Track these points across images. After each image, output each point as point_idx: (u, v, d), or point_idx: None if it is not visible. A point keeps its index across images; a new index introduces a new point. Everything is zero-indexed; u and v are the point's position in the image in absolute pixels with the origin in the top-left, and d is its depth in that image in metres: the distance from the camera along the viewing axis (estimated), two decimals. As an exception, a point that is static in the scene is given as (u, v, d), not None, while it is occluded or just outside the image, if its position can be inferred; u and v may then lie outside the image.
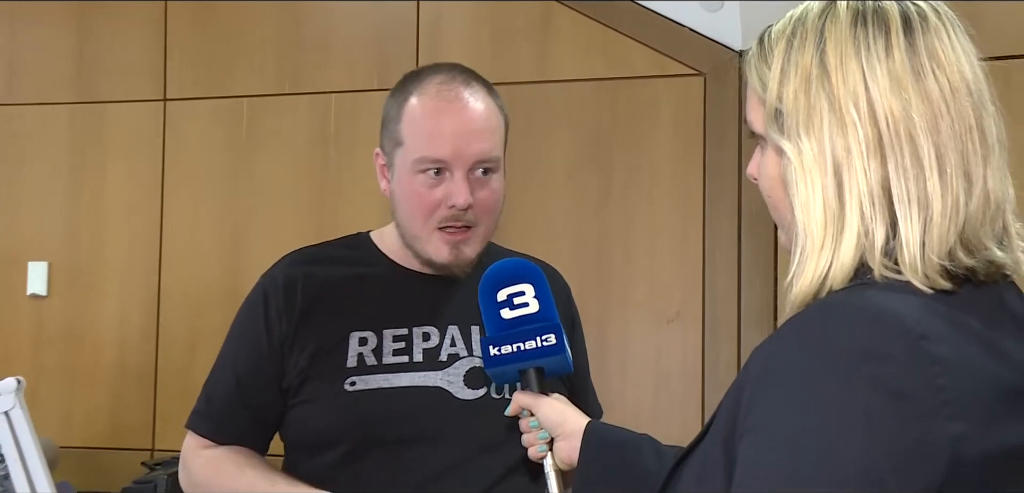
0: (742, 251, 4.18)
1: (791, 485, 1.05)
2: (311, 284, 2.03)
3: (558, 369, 1.78)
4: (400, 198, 1.99)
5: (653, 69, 4.31)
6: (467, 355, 1.97)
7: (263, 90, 4.92)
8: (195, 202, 5.03)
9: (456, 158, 1.95)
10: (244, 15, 4.98)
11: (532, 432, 1.73)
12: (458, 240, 1.98)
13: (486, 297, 1.82)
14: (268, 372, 2.00)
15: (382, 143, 2.03)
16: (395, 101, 2.02)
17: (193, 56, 5.06)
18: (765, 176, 1.30)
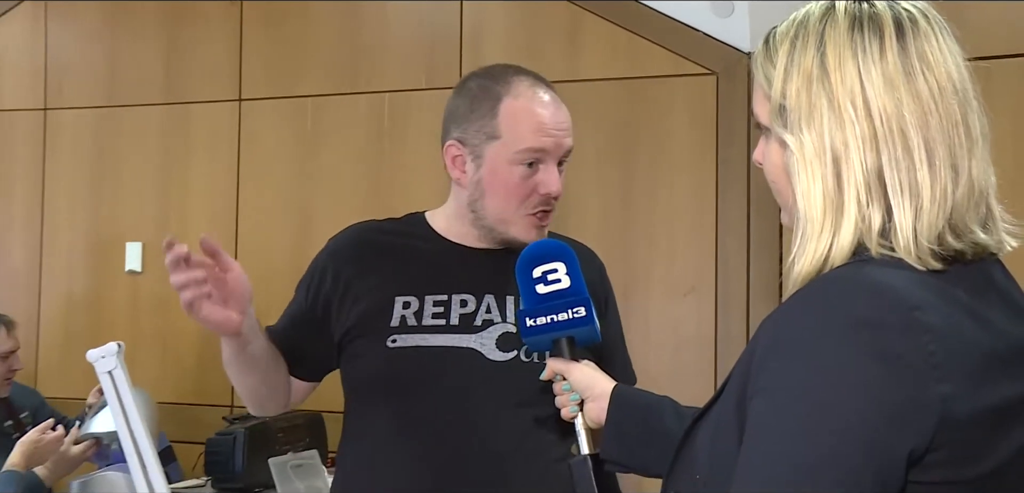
0: (751, 232, 4.15)
1: (797, 439, 1.06)
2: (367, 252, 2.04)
3: (587, 339, 1.76)
4: (491, 186, 1.97)
5: (670, 69, 4.28)
6: (500, 321, 1.96)
7: (325, 90, 4.92)
8: (266, 189, 5.04)
9: (554, 150, 1.95)
10: (309, 23, 4.98)
11: (564, 394, 1.71)
12: (543, 223, 1.99)
13: (523, 273, 1.80)
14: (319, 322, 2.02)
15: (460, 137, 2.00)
16: (483, 99, 1.99)
17: (264, 61, 5.06)
18: (770, 164, 1.28)
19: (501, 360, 1.93)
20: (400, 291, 1.97)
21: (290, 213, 4.97)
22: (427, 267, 2.01)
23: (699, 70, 4.23)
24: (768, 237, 4.12)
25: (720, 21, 4.15)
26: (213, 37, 5.16)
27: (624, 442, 1.61)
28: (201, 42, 5.20)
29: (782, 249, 4.08)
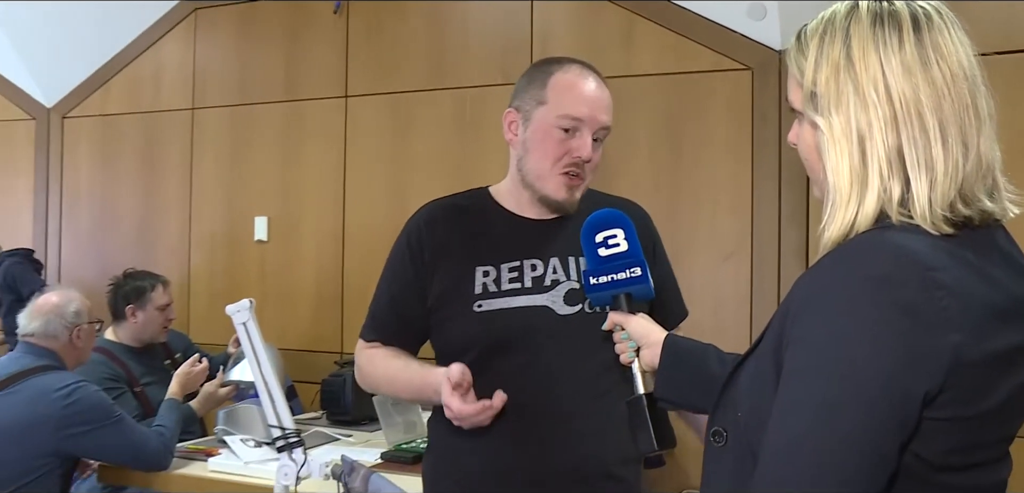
0: (781, 204, 4.09)
1: (827, 381, 1.06)
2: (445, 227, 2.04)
3: (643, 295, 1.76)
4: (534, 144, 1.97)
5: (711, 65, 4.23)
6: (566, 280, 1.95)
7: (416, 87, 4.92)
8: (368, 172, 5.06)
9: (589, 121, 1.94)
10: (403, 30, 4.98)
11: (623, 343, 1.70)
12: (573, 184, 1.97)
13: (587, 238, 1.80)
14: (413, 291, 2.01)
15: (517, 104, 2.01)
16: (538, 74, 2.01)
17: (366, 64, 5.08)
18: (803, 144, 1.27)
19: (568, 314, 1.92)
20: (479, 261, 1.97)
21: (388, 192, 4.98)
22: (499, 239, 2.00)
23: (736, 66, 4.18)
24: (797, 209, 4.07)
25: (754, 23, 4.11)
26: (324, 44, 5.19)
27: (674, 383, 1.60)
28: (314, 49, 5.23)
29: (809, 219, 4.04)
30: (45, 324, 3.33)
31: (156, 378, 4.02)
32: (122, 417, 3.22)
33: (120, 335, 4.09)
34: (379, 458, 3.26)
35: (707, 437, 1.30)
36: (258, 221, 5.36)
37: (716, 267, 4.22)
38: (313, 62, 5.23)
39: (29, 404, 3.11)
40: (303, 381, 4.64)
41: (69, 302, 3.40)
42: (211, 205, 5.59)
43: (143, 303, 4.06)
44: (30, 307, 3.40)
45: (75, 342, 3.38)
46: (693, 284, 3.98)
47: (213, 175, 5.59)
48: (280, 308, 5.20)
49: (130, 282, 4.13)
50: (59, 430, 3.08)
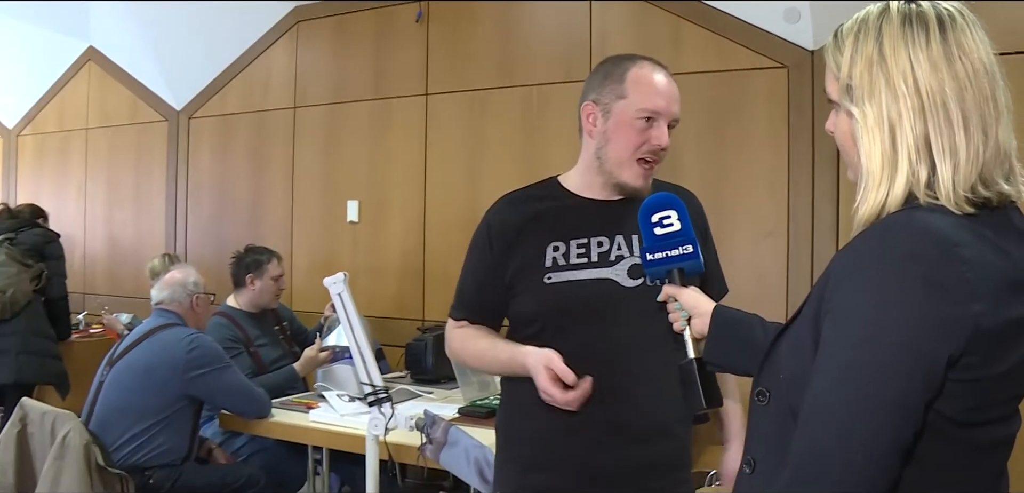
0: (815, 188, 4.01)
1: (861, 347, 1.06)
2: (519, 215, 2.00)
3: (693, 270, 1.74)
4: (614, 134, 1.93)
5: (751, 64, 4.16)
6: (630, 256, 1.92)
7: (489, 85, 4.91)
8: (446, 162, 5.06)
9: (665, 112, 1.92)
10: (477, 34, 4.97)
11: (676, 313, 1.68)
12: (648, 171, 1.94)
13: (644, 219, 1.78)
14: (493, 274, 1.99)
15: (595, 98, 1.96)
16: (615, 69, 1.96)
17: (444, 64, 5.08)
18: (839, 131, 1.25)
19: (632, 286, 1.90)
20: (550, 239, 1.94)
21: (463, 178, 4.98)
22: (568, 219, 1.97)
23: (773, 64, 4.10)
24: (828, 192, 3.98)
25: (789, 25, 4.03)
26: (408, 48, 5.20)
27: (722, 349, 1.59)
28: (399, 52, 5.24)
29: (840, 201, 3.96)
30: (171, 293, 3.56)
31: (268, 340, 4.16)
32: (231, 366, 3.42)
33: (239, 301, 4.21)
34: (456, 413, 3.26)
35: (752, 397, 1.28)
36: (350, 204, 5.40)
37: (756, 245, 4.15)
38: (398, 64, 5.24)
39: (161, 351, 3.36)
40: (390, 345, 4.66)
41: (189, 275, 3.64)
42: (310, 191, 5.65)
43: (260, 273, 4.17)
44: (161, 280, 3.64)
45: (195, 308, 3.59)
46: (735, 260, 3.93)
47: (312, 165, 5.64)
48: (369, 280, 5.23)
49: (250, 255, 4.26)
50: (185, 372, 3.29)
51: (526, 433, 1.94)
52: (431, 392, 3.81)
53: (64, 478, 2.91)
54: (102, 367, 3.47)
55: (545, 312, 1.90)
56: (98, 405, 3.35)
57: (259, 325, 4.16)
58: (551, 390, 1.82)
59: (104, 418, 3.29)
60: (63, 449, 2.94)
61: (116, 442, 3.21)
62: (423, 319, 4.99)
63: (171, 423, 3.32)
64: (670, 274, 1.74)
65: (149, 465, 3.24)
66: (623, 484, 1.88)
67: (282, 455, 3.72)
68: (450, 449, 2.46)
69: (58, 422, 3.02)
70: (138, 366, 3.34)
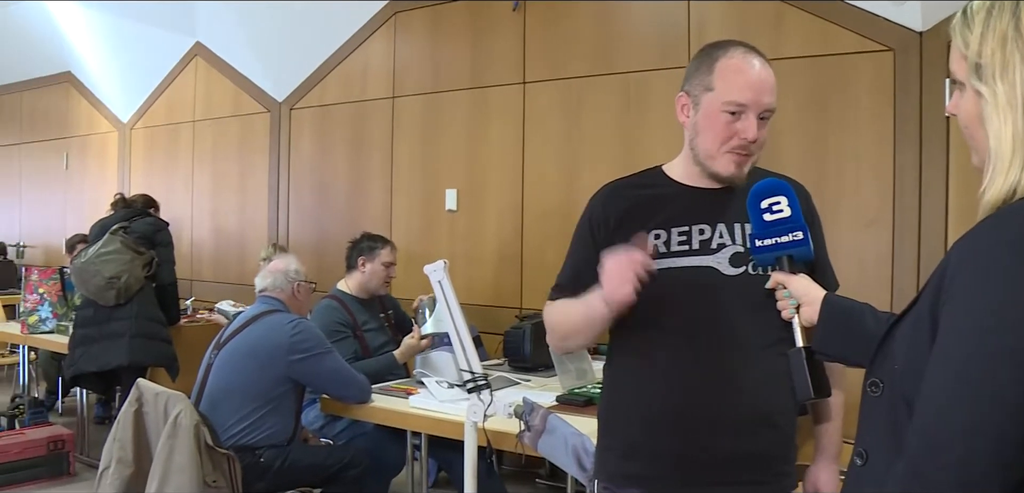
0: (922, 176, 3.89)
1: (983, 336, 1.00)
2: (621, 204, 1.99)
3: (803, 257, 1.73)
4: (703, 127, 1.91)
5: (855, 47, 4.05)
6: (731, 244, 1.89)
7: (586, 73, 4.90)
8: (543, 149, 5.07)
9: (753, 104, 1.86)
10: (574, 21, 4.96)
11: (784, 300, 1.68)
12: (740, 161, 1.89)
13: (753, 205, 1.77)
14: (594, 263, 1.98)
15: (687, 90, 1.94)
16: (705, 60, 1.93)
17: (542, 52, 5.08)
18: (963, 112, 1.19)
19: (733, 274, 1.87)
20: (652, 227, 1.93)
21: (560, 166, 4.98)
22: (670, 207, 1.95)
23: (879, 47, 3.98)
24: (936, 180, 3.85)
25: (896, 7, 3.90)
26: (504, 37, 5.22)
27: (831, 337, 1.57)
28: (496, 41, 5.27)
29: (948, 189, 3.82)
30: (274, 280, 3.68)
31: (374, 325, 4.27)
32: (333, 351, 3.50)
33: (350, 285, 4.32)
34: (554, 400, 3.27)
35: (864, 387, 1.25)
36: (448, 193, 5.46)
37: (858, 233, 4.05)
38: (495, 53, 5.27)
39: (266, 335, 3.47)
40: (488, 332, 4.70)
41: (290, 264, 3.75)
42: (408, 180, 5.73)
43: (372, 257, 4.30)
44: (264, 269, 3.77)
45: (296, 294, 3.71)
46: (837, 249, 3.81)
47: (410, 154, 5.72)
48: (468, 268, 5.28)
49: (366, 240, 4.39)
50: (287, 355, 3.40)
51: (627, 420, 1.94)
52: (529, 379, 3.83)
53: (176, 456, 3.03)
54: (210, 350, 3.60)
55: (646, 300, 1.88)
56: (207, 387, 3.48)
57: (367, 310, 4.27)
58: (619, 283, 1.76)
59: (213, 399, 3.42)
60: (175, 428, 3.06)
61: (225, 423, 3.33)
62: (520, 307, 5.01)
63: (276, 405, 3.43)
64: (779, 261, 1.73)
65: (258, 445, 3.35)
66: (725, 474, 1.86)
67: (381, 440, 3.80)
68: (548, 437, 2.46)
69: (170, 403, 3.14)
70: (244, 350, 3.46)
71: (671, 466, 1.87)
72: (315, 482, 3.55)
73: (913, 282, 3.86)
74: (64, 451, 5.13)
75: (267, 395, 3.40)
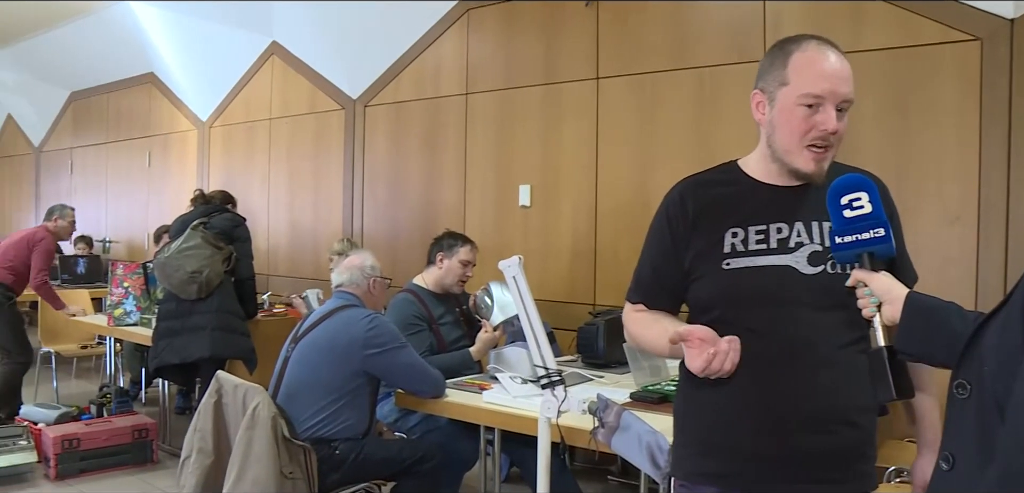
0: (1011, 170, 3.77)
1: None
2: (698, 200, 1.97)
3: (884, 254, 1.70)
4: (779, 123, 1.89)
5: (939, 37, 3.94)
6: (809, 243, 1.86)
7: (660, 68, 4.86)
8: (617, 145, 5.05)
9: (830, 95, 1.84)
10: (647, 17, 4.92)
11: (865, 298, 1.66)
12: (819, 156, 1.87)
13: (833, 201, 1.75)
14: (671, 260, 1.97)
15: (762, 86, 1.92)
16: (779, 55, 1.91)
17: (614, 48, 5.06)
18: None
19: (812, 273, 1.84)
20: (729, 225, 1.91)
21: (634, 162, 4.96)
22: (747, 205, 1.93)
23: (965, 37, 3.87)
24: (1026, 175, 3.74)
25: (986, -6, 3.78)
26: (577, 33, 5.21)
27: (915, 337, 1.53)
28: (568, 37, 5.26)
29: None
30: (350, 276, 3.74)
31: (450, 319, 4.30)
32: (408, 346, 3.54)
33: (427, 280, 4.37)
34: (628, 397, 3.26)
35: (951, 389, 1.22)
36: (522, 189, 5.48)
37: (941, 231, 3.95)
38: (568, 49, 5.26)
39: (342, 329, 3.52)
40: (561, 328, 4.71)
41: (366, 260, 3.81)
42: (482, 176, 5.76)
43: (451, 254, 4.33)
44: (341, 264, 3.82)
45: (371, 290, 3.76)
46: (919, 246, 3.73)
47: (483, 151, 5.75)
48: (541, 264, 5.29)
49: (447, 237, 4.42)
50: (363, 349, 3.44)
51: (704, 418, 1.93)
52: (602, 376, 3.83)
53: (254, 447, 3.10)
54: (287, 344, 3.67)
55: (723, 298, 1.87)
56: (284, 380, 3.55)
57: (443, 305, 4.30)
58: (700, 359, 1.78)
59: (290, 392, 3.49)
60: (253, 420, 3.13)
61: (302, 415, 3.39)
62: (594, 303, 5.00)
63: (351, 399, 3.47)
64: (860, 258, 1.70)
65: (333, 438, 3.41)
66: (803, 472, 1.84)
67: (455, 434, 3.83)
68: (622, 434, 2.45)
69: (249, 395, 3.21)
70: (320, 343, 3.52)
71: (749, 464, 1.86)
72: (389, 475, 3.60)
73: (1000, 281, 3.74)
74: (148, 440, 5.30)
75: (342, 389, 3.45)
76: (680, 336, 1.81)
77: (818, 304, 1.82)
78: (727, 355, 1.78)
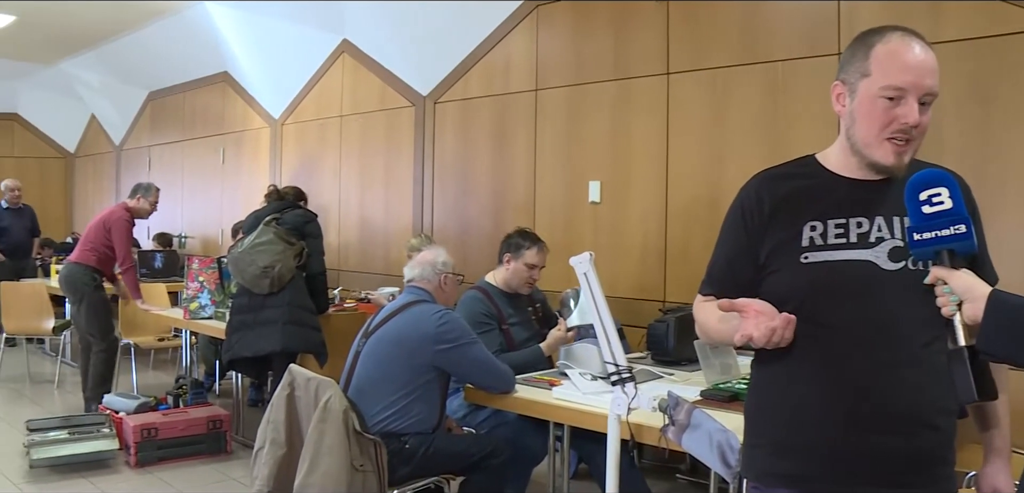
0: (1101, 163, 3.64)
1: None
2: (775, 193, 1.95)
3: (965, 251, 1.66)
4: (859, 115, 1.86)
5: (1024, 27, 3.82)
6: (891, 238, 1.82)
7: (731, 62, 4.80)
8: (687, 140, 5.01)
9: (913, 88, 1.79)
10: (718, 11, 4.87)
11: (945, 296, 1.63)
12: (900, 150, 1.82)
13: (911, 197, 1.71)
14: (746, 254, 1.94)
15: (843, 78, 1.89)
16: (860, 46, 1.87)
17: (685, 43, 5.02)
18: None
19: (892, 269, 1.80)
20: (807, 218, 1.88)
21: (705, 158, 4.91)
22: (826, 198, 1.89)
23: (1052, 26, 3.74)
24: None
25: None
26: (647, 28, 5.18)
27: (999, 337, 1.50)
28: (639, 32, 5.24)
29: None
30: (421, 271, 3.77)
31: (520, 319, 4.30)
32: (478, 342, 3.56)
33: (496, 278, 4.37)
34: (698, 395, 3.23)
35: None
36: (592, 185, 5.47)
37: None
38: (638, 44, 5.24)
39: (413, 324, 3.55)
40: (630, 325, 4.69)
41: (439, 256, 3.82)
42: (551, 172, 5.76)
43: (518, 256, 4.30)
44: (414, 259, 3.85)
45: (442, 286, 3.78)
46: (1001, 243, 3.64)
47: (553, 146, 5.75)
48: (611, 261, 5.28)
49: (516, 237, 4.38)
50: (434, 344, 3.47)
51: (777, 417, 1.90)
52: (672, 373, 3.80)
53: (326, 439, 3.15)
54: (358, 338, 3.72)
55: (800, 293, 1.84)
56: (355, 374, 3.60)
57: (513, 303, 4.30)
58: (758, 323, 1.77)
59: (361, 387, 3.53)
60: (325, 413, 3.18)
61: (372, 409, 3.44)
62: (664, 300, 4.97)
63: (421, 394, 3.50)
64: (939, 255, 1.66)
65: (403, 432, 3.45)
66: (879, 475, 1.80)
67: (524, 430, 3.84)
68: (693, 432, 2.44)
69: (321, 388, 3.26)
70: (391, 338, 3.56)
71: (824, 465, 1.82)
72: (458, 470, 3.62)
73: (1088, 280, 3.62)
74: (222, 430, 5.42)
75: (413, 383, 3.48)
76: (733, 305, 1.79)
77: (899, 301, 1.78)
78: (787, 327, 1.77)
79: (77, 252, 6.34)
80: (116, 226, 6.25)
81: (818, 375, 1.80)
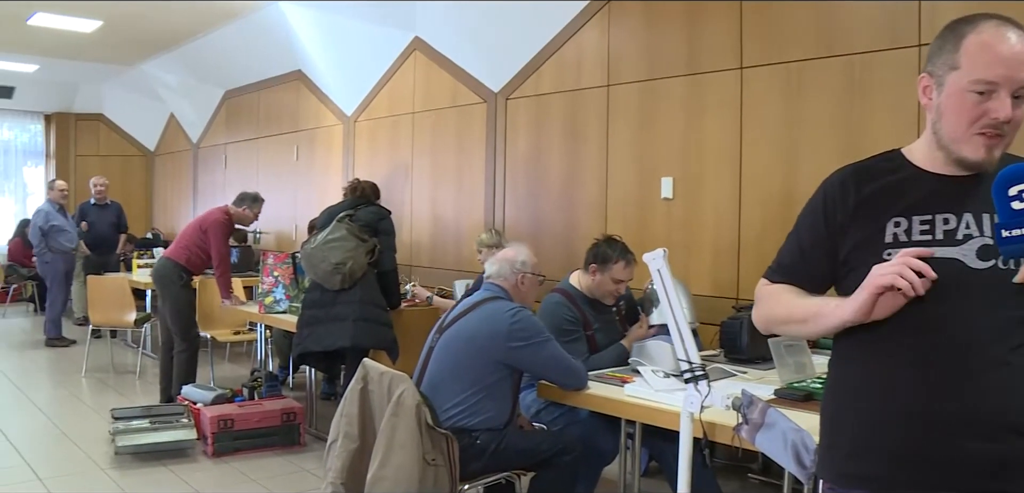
0: None
1: None
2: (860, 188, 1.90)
3: None
4: (948, 109, 1.80)
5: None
6: (979, 236, 1.77)
7: (806, 56, 4.73)
8: (761, 135, 4.95)
9: (1005, 81, 1.73)
10: (792, 5, 4.79)
11: None
12: (991, 144, 1.77)
13: (999, 192, 1.64)
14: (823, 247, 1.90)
15: (930, 70, 1.84)
16: (950, 37, 1.81)
17: (759, 37, 4.95)
18: None
19: (981, 268, 1.75)
20: (892, 214, 1.84)
21: (780, 153, 4.84)
22: (911, 193, 1.85)
23: None
24: None
25: None
26: (720, 22, 5.13)
27: None
28: (711, 27, 5.19)
29: None
30: (499, 269, 3.79)
31: (603, 324, 4.25)
32: (551, 340, 3.56)
33: (582, 283, 4.30)
34: (772, 394, 3.20)
35: None
36: (664, 181, 5.44)
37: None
38: (711, 39, 5.19)
39: (487, 320, 3.58)
40: (704, 323, 4.66)
41: (519, 254, 3.82)
42: (623, 168, 5.75)
43: (605, 269, 4.20)
44: (494, 256, 3.89)
45: (520, 285, 3.78)
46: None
47: (625, 142, 5.73)
48: (683, 257, 5.24)
49: (604, 246, 4.25)
50: (506, 341, 3.50)
51: (856, 418, 1.86)
52: (745, 372, 3.77)
53: (398, 433, 3.20)
54: (432, 334, 3.76)
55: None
56: (428, 370, 3.64)
57: (598, 309, 4.25)
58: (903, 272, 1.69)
59: (434, 382, 3.57)
60: (398, 407, 3.22)
61: (444, 404, 3.48)
62: (737, 298, 4.93)
63: (493, 390, 3.53)
64: None
65: (475, 428, 3.48)
66: (961, 480, 1.74)
67: (596, 427, 3.84)
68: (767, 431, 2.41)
69: (394, 382, 3.31)
70: (464, 335, 3.60)
71: (904, 468, 1.78)
72: (529, 466, 3.64)
73: None
74: (296, 423, 5.53)
75: (485, 380, 3.51)
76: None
77: (987, 301, 1.73)
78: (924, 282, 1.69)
79: (171, 248, 6.55)
80: (213, 228, 6.39)
81: (900, 376, 1.76)
